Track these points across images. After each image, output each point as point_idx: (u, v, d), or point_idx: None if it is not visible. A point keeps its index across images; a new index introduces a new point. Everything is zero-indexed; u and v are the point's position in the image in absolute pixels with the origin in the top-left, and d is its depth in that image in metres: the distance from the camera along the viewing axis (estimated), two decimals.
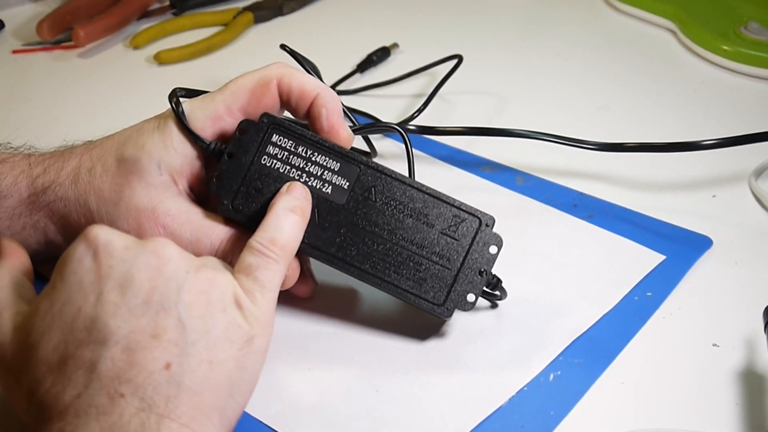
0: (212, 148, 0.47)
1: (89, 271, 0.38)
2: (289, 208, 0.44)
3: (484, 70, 0.76)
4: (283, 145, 0.47)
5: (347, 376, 0.46)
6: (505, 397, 0.45)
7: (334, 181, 0.47)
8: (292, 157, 0.47)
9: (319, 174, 0.47)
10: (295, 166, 0.47)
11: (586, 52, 0.81)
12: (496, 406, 0.44)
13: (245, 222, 0.46)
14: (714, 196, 0.61)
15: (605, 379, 0.46)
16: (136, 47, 0.80)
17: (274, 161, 0.47)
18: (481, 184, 0.61)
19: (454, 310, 0.46)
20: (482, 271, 0.46)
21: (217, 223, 0.47)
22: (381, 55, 0.78)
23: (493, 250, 0.46)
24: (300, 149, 0.47)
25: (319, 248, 0.46)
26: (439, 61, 0.73)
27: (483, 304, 0.50)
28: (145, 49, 0.80)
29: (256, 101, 0.47)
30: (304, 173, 0.47)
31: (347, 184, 0.47)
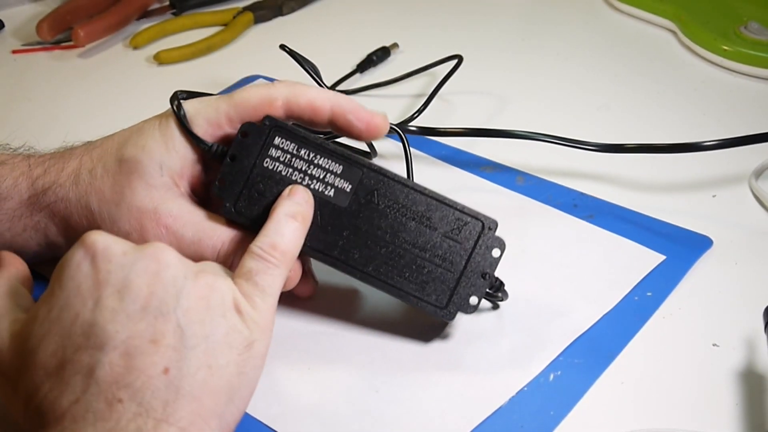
0: (214, 151, 0.47)
1: (87, 276, 0.38)
2: (290, 214, 0.44)
3: (484, 70, 0.76)
4: (286, 148, 0.47)
5: (347, 377, 0.46)
6: (505, 397, 0.45)
7: (336, 184, 0.47)
8: (294, 159, 0.47)
9: (321, 177, 0.47)
10: (298, 168, 0.47)
11: (586, 52, 0.81)
12: (496, 406, 0.44)
13: (248, 224, 0.46)
14: (714, 196, 0.61)
15: (605, 379, 0.46)
16: (136, 47, 0.80)
17: (277, 164, 0.47)
18: (481, 184, 0.61)
19: (457, 313, 0.46)
20: (485, 274, 0.46)
21: (219, 225, 0.47)
22: (381, 55, 0.77)
23: (496, 253, 0.46)
24: (302, 152, 0.47)
25: (321, 251, 0.46)
26: (439, 62, 0.73)
27: (484, 305, 0.50)
28: (145, 49, 0.80)
29: (257, 118, 0.47)
30: (307, 176, 0.47)
31: (350, 187, 0.47)
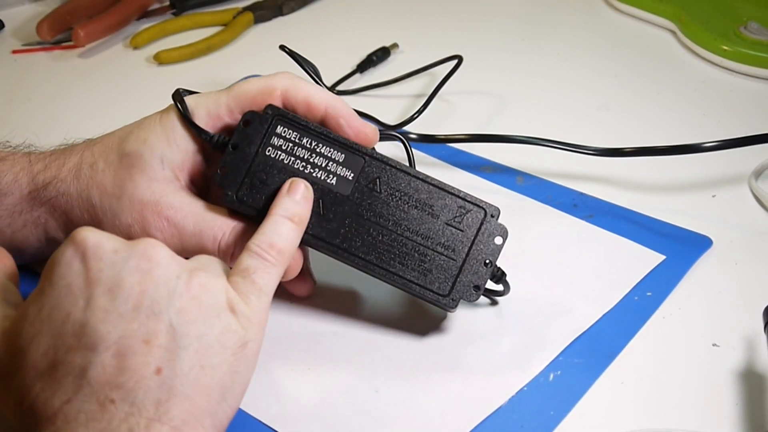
0: (216, 140, 0.47)
1: (78, 275, 0.38)
2: (288, 214, 0.44)
3: (484, 70, 0.76)
4: (288, 137, 0.47)
5: (347, 376, 0.46)
6: (505, 397, 0.45)
7: (338, 172, 0.47)
8: (296, 148, 0.47)
9: (323, 165, 0.47)
10: (300, 157, 0.47)
11: (586, 52, 0.81)
12: (496, 406, 0.44)
13: (250, 213, 0.46)
14: (714, 196, 0.61)
15: (605, 379, 0.46)
16: (136, 47, 0.80)
17: (279, 153, 0.47)
18: (481, 184, 0.61)
19: (459, 301, 0.46)
20: (487, 262, 0.46)
21: (220, 216, 0.47)
22: (381, 55, 0.78)
23: (498, 240, 0.46)
24: (304, 140, 0.47)
25: (323, 239, 0.46)
26: (439, 62, 0.73)
27: (484, 302, 0.50)
28: (145, 49, 0.80)
29: (257, 108, 0.47)
30: (309, 165, 0.46)
31: (352, 176, 0.47)
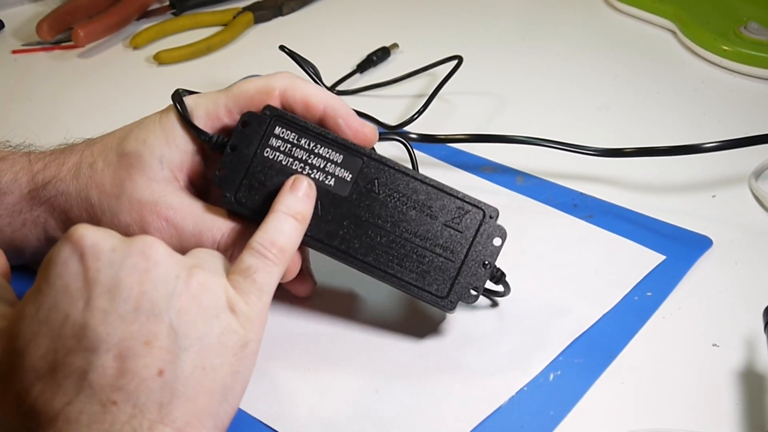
0: (215, 141, 0.47)
1: (76, 275, 0.37)
2: (291, 211, 0.44)
3: (484, 70, 0.76)
4: (286, 138, 0.47)
5: (347, 377, 0.46)
6: (505, 397, 0.45)
7: (337, 173, 0.46)
8: (294, 149, 0.47)
9: (322, 166, 0.46)
10: (298, 158, 0.47)
11: (586, 52, 0.81)
12: (496, 406, 0.44)
13: (248, 215, 0.46)
14: (714, 197, 0.61)
15: (605, 379, 0.46)
16: (136, 47, 0.80)
17: (277, 153, 0.47)
18: (481, 184, 0.61)
19: (458, 303, 0.46)
20: (486, 264, 0.46)
21: (219, 217, 0.47)
22: (381, 56, 0.78)
23: (497, 242, 0.46)
24: (303, 141, 0.47)
25: (321, 241, 0.46)
26: (440, 62, 0.73)
27: (484, 304, 0.50)
28: (145, 49, 0.80)
29: (255, 108, 0.47)
30: (307, 165, 0.46)
31: (350, 177, 0.46)
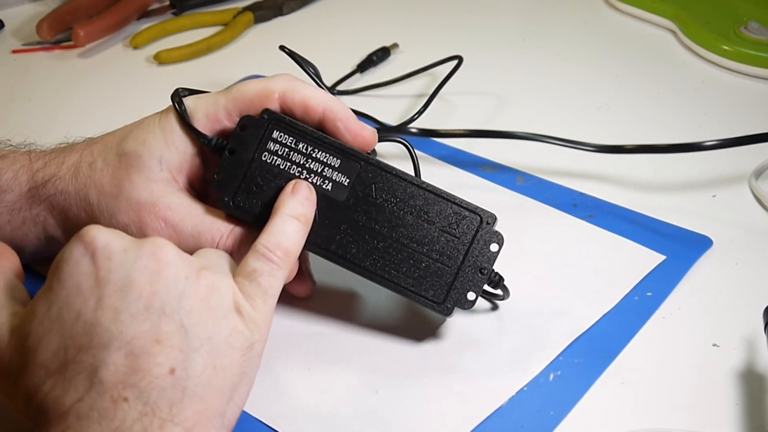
0: (214, 144, 0.47)
1: (87, 274, 0.38)
2: (294, 214, 0.44)
3: (484, 70, 0.76)
4: (284, 142, 0.47)
5: (347, 377, 0.46)
6: (505, 397, 0.45)
7: (334, 178, 0.47)
8: (292, 153, 0.47)
9: (319, 171, 0.47)
10: (296, 162, 0.47)
11: (586, 52, 0.81)
12: (496, 406, 0.44)
13: (246, 218, 0.46)
14: (714, 196, 0.61)
15: (605, 379, 0.46)
16: (136, 47, 0.80)
17: (275, 158, 0.47)
18: (481, 183, 0.61)
19: (454, 309, 0.46)
20: (483, 269, 0.46)
21: (218, 219, 0.47)
22: (381, 55, 0.78)
23: (494, 247, 0.46)
24: (300, 146, 0.47)
25: (319, 245, 0.46)
26: (440, 62, 0.73)
27: (483, 305, 0.50)
28: (145, 49, 0.80)
29: (255, 111, 0.47)
30: (305, 170, 0.47)
31: (347, 181, 0.47)
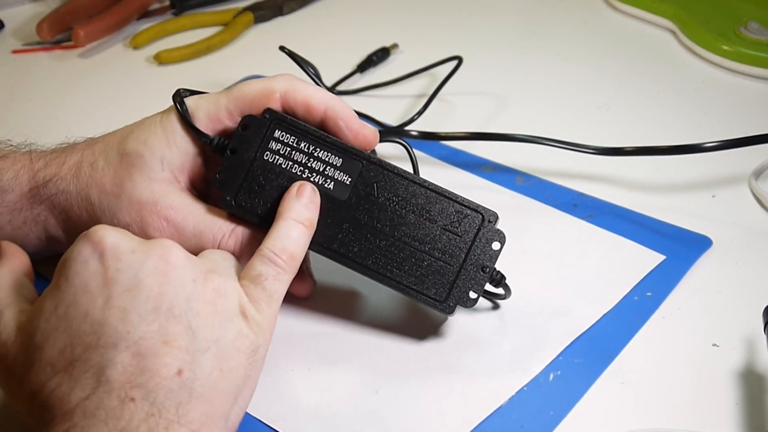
0: (215, 144, 0.47)
1: (95, 274, 0.38)
2: (300, 220, 0.44)
3: (484, 70, 0.76)
4: (286, 141, 0.47)
5: (348, 377, 0.46)
6: (505, 397, 0.45)
7: (336, 177, 0.47)
8: (294, 152, 0.47)
9: (321, 170, 0.47)
10: (298, 161, 0.47)
11: (586, 52, 0.81)
12: (496, 406, 0.44)
13: (248, 217, 0.47)
14: (714, 196, 0.61)
15: (605, 379, 0.46)
16: (136, 47, 0.80)
17: (277, 157, 0.47)
18: (481, 183, 0.61)
19: (456, 307, 0.46)
20: (485, 268, 0.46)
21: (220, 218, 0.47)
22: (381, 56, 0.78)
23: (496, 246, 0.46)
24: (302, 145, 0.47)
25: (321, 244, 0.46)
26: (440, 62, 0.73)
27: (484, 305, 0.50)
28: (145, 49, 0.80)
29: (256, 110, 0.47)
30: (307, 169, 0.47)
31: (349, 180, 0.47)
